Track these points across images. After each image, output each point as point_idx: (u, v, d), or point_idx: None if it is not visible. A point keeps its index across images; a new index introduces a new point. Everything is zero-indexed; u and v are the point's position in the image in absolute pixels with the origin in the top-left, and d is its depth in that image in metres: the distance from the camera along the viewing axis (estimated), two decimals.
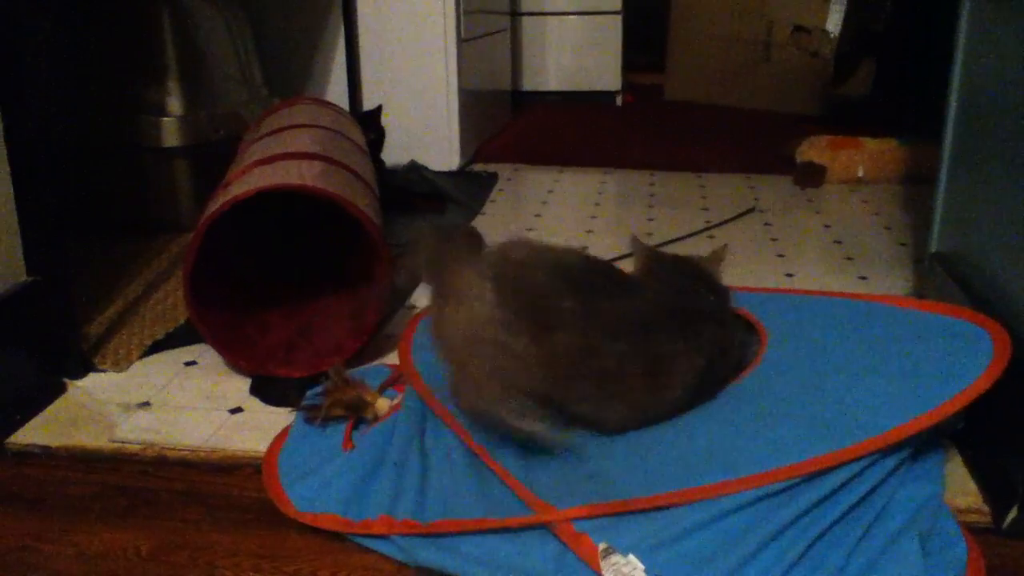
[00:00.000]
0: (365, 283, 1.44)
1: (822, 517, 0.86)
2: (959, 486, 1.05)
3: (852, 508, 0.88)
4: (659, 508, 0.87)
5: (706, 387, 1.03)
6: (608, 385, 0.97)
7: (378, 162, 2.34)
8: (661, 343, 0.99)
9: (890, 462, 0.91)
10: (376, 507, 0.98)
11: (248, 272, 1.58)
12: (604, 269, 1.06)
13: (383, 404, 1.15)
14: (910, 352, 1.06)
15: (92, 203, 2.03)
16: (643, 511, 0.87)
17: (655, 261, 1.15)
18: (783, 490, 0.86)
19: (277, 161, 1.42)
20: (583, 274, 1.00)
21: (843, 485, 0.88)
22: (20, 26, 1.24)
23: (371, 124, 2.31)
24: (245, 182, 1.34)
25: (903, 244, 2.00)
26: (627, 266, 1.17)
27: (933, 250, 1.44)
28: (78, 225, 2.01)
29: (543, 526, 0.89)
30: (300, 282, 1.62)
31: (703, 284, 1.11)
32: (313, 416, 1.16)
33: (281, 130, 1.66)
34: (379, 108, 2.36)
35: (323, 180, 1.34)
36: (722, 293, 1.12)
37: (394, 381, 1.25)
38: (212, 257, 1.34)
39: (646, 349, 0.98)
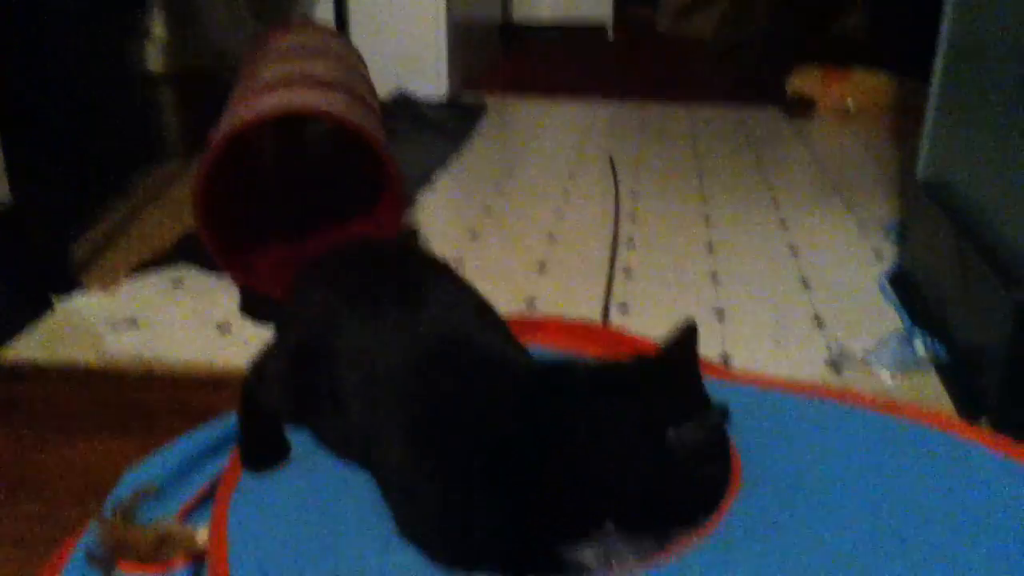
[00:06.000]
0: (365, 221, 1.44)
1: None
2: None
3: None
4: None
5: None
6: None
7: None
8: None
9: None
10: None
11: (249, 195, 1.58)
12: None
13: (204, 534, 0.80)
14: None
15: (79, 129, 2.02)
16: None
17: None
18: None
19: (299, 86, 1.40)
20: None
21: None
22: None
23: None
24: (269, 102, 1.32)
25: (890, 175, 2.00)
26: None
27: (920, 178, 1.45)
28: (65, 150, 2.00)
29: None
30: (300, 212, 1.62)
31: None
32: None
33: (296, 54, 1.63)
34: None
35: (350, 112, 1.34)
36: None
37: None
38: (217, 174, 1.33)
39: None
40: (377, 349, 0.78)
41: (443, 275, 0.89)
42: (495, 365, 0.78)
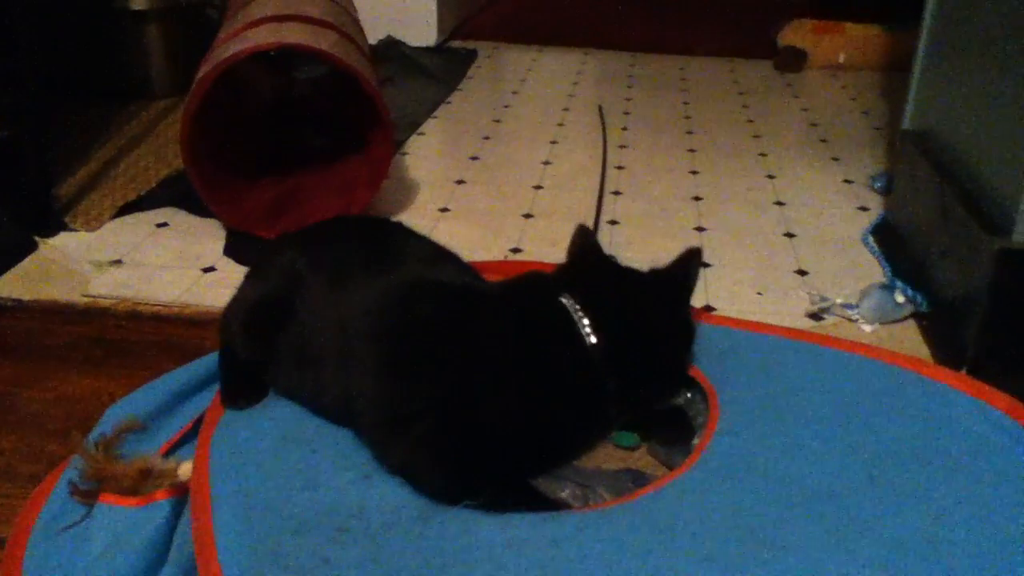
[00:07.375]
0: (356, 161, 1.43)
1: None
2: None
3: None
4: None
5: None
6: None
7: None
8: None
9: None
10: None
11: (239, 137, 1.57)
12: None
13: (187, 468, 0.80)
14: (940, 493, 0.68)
15: (65, 67, 1.99)
16: None
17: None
18: None
19: (289, 23, 1.38)
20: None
21: None
22: None
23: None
24: (259, 37, 1.30)
25: (878, 128, 2.00)
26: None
27: (905, 127, 1.45)
28: (51, 88, 1.97)
29: None
30: (289, 154, 1.61)
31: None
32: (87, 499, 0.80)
33: None
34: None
35: (339, 49, 1.32)
36: None
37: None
38: (205, 114, 1.32)
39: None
40: (345, 306, 0.80)
41: (409, 239, 0.91)
42: (461, 294, 0.81)
